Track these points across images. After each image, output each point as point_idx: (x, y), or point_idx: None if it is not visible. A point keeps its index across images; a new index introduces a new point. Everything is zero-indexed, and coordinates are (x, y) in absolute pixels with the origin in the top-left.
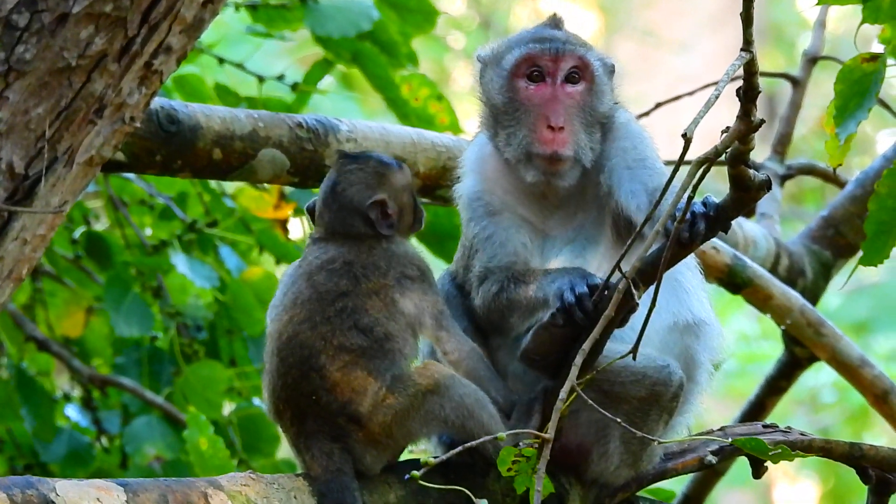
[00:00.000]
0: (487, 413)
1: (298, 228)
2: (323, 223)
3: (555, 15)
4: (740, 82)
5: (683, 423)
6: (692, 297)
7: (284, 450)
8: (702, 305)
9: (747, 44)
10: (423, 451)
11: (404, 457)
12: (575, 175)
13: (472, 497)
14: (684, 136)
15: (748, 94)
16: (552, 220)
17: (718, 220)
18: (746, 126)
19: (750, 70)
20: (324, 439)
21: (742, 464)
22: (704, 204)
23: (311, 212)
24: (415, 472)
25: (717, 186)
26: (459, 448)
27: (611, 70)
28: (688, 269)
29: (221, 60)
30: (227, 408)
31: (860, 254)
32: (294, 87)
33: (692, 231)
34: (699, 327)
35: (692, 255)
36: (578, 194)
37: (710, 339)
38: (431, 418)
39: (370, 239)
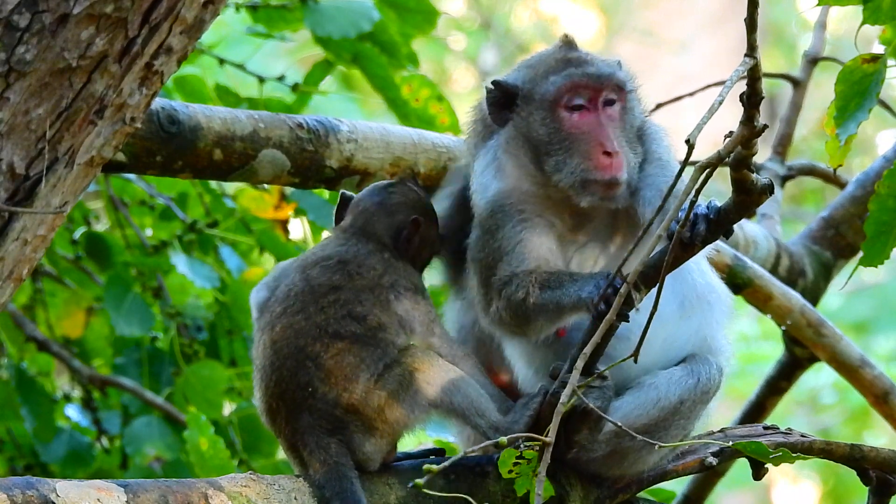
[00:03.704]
0: (475, 390)
1: (299, 229)
2: (355, 210)
3: (567, 36)
4: (743, 86)
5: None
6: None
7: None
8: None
9: (751, 49)
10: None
11: (403, 458)
12: (625, 196)
13: (473, 503)
14: (687, 141)
15: (752, 100)
16: (574, 224)
17: (720, 222)
18: (750, 131)
19: (754, 75)
20: (320, 433)
21: (742, 464)
22: (706, 207)
23: (345, 200)
24: (418, 481)
25: (719, 188)
26: (461, 454)
27: (631, 77)
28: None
29: (222, 61)
30: (228, 408)
31: (860, 254)
32: (294, 87)
33: (693, 232)
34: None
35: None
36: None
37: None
38: (420, 398)
39: (379, 245)
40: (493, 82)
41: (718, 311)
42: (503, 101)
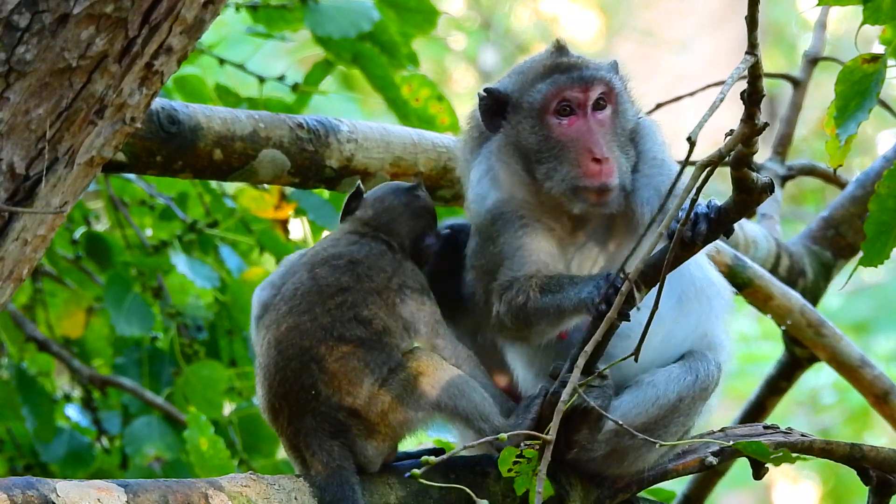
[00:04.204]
0: (479, 394)
1: (299, 229)
2: (376, 206)
3: (558, 41)
4: (743, 84)
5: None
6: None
7: (284, 450)
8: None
9: (752, 47)
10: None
11: (403, 458)
12: (619, 200)
13: (473, 496)
14: (689, 139)
15: (752, 98)
16: (573, 227)
17: (720, 221)
18: (750, 129)
19: (754, 73)
20: (323, 436)
21: (742, 464)
22: (707, 206)
23: (357, 193)
24: (415, 471)
25: (719, 188)
26: (461, 448)
27: (623, 78)
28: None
29: (222, 61)
30: (228, 408)
31: (860, 254)
32: (294, 87)
33: (694, 231)
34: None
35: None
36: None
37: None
38: (424, 402)
39: (388, 242)
40: (485, 90)
41: (717, 305)
42: (495, 108)
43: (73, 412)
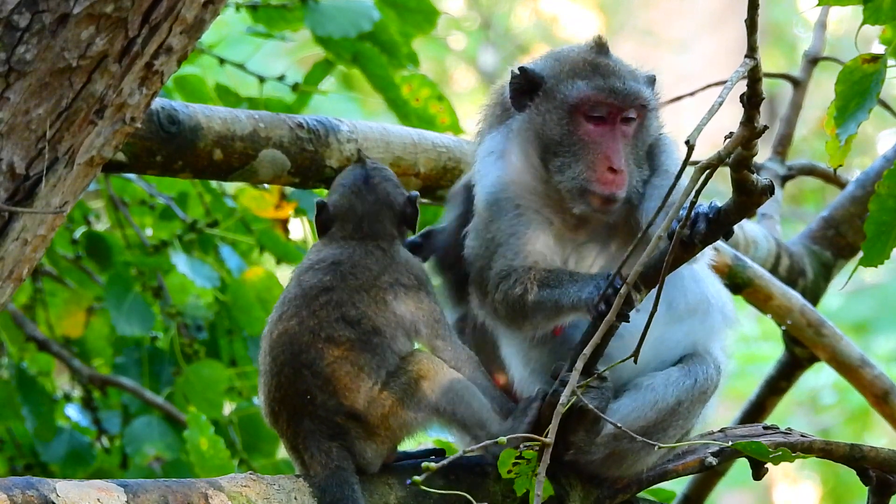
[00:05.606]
0: (478, 401)
1: (299, 228)
2: (353, 218)
3: (599, 38)
4: (743, 86)
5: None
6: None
7: (285, 450)
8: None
9: (751, 50)
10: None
11: (403, 459)
12: (621, 211)
13: (473, 502)
14: (687, 142)
15: (752, 101)
16: (574, 224)
17: (720, 222)
18: (750, 132)
19: (754, 76)
20: (321, 438)
21: (742, 464)
22: (707, 207)
23: (321, 208)
24: (416, 478)
25: (719, 189)
26: (460, 452)
27: (656, 94)
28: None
29: (222, 61)
30: (228, 408)
31: (861, 254)
32: (295, 87)
33: (693, 231)
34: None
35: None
36: None
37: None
38: (424, 405)
39: (377, 242)
40: (520, 68)
41: (713, 321)
42: (526, 88)
43: (73, 412)
